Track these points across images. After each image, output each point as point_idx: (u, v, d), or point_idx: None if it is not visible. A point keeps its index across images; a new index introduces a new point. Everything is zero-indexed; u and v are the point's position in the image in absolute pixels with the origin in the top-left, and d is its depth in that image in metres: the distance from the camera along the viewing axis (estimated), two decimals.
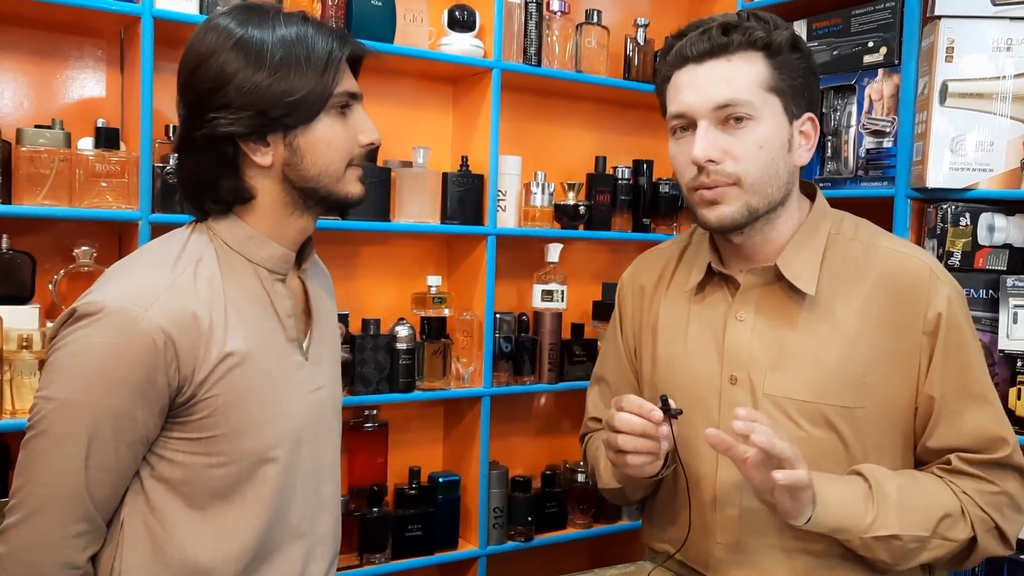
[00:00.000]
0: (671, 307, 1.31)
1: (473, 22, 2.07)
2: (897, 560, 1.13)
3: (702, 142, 1.15)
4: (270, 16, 1.07)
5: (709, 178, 1.15)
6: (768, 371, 1.18)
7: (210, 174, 1.08)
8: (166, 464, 1.05)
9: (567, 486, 2.31)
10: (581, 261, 2.45)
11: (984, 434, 1.16)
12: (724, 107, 1.14)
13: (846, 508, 1.10)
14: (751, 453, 1.05)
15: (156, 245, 1.12)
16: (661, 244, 1.43)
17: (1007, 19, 1.83)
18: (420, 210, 2.05)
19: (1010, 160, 1.85)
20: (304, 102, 1.05)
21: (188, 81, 1.07)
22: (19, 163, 1.64)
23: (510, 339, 2.17)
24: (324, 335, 1.22)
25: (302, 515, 1.14)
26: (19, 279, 1.70)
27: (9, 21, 1.78)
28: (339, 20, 1.91)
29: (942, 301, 1.16)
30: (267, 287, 1.11)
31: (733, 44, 1.15)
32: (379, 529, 2.02)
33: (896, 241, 1.25)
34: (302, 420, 1.13)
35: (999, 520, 1.15)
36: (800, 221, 1.23)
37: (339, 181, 1.11)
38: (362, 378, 1.97)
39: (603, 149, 2.44)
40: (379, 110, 2.17)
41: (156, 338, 0.98)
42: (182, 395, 1.02)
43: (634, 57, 2.34)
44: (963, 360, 1.17)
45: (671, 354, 1.29)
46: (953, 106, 1.87)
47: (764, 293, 1.22)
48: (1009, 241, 1.87)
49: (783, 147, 1.17)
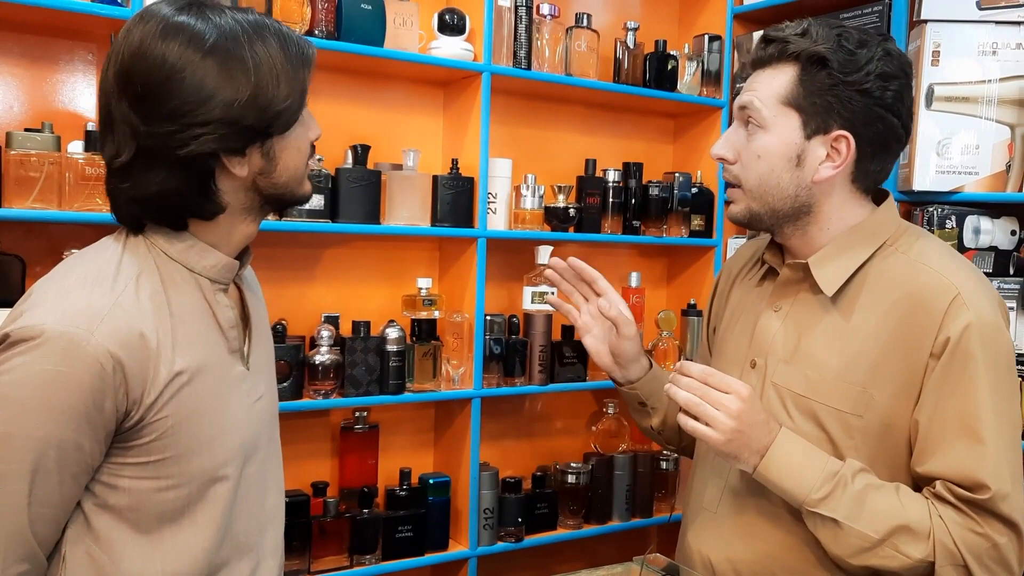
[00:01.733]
0: (739, 295, 1.41)
1: (463, 26, 2.08)
2: (840, 550, 1.14)
3: (721, 139, 1.26)
4: (226, 14, 1.01)
5: (726, 173, 1.27)
6: (781, 362, 1.25)
7: (183, 190, 1.00)
8: (111, 491, 0.99)
9: (557, 487, 2.32)
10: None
11: (965, 473, 1.12)
12: (742, 109, 1.23)
13: (799, 472, 1.14)
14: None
15: (88, 259, 1.02)
16: (757, 238, 1.49)
17: (993, 23, 1.85)
18: (410, 213, 2.06)
19: (995, 163, 1.86)
20: (288, 110, 1.02)
21: (154, 93, 0.97)
22: (9, 167, 1.64)
23: (500, 341, 2.18)
24: (261, 342, 1.17)
25: (248, 530, 1.10)
26: (9, 282, 1.71)
27: (1, 26, 1.78)
28: (329, 24, 1.92)
29: (957, 327, 1.13)
30: (209, 298, 1.06)
31: (775, 56, 1.21)
32: (370, 530, 2.02)
33: (945, 262, 1.20)
34: (247, 433, 1.09)
35: (972, 565, 1.11)
36: (850, 224, 1.24)
37: (300, 183, 1.09)
38: (352, 380, 1.98)
39: (593, 152, 2.45)
40: (369, 113, 2.18)
41: (104, 362, 0.92)
42: (130, 419, 0.96)
43: (624, 60, 2.35)
44: (963, 390, 1.13)
45: (724, 335, 1.40)
46: (939, 109, 1.89)
47: (799, 289, 1.28)
48: (994, 243, 1.89)
49: (789, 161, 1.20)
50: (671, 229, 2.43)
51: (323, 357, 1.94)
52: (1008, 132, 1.86)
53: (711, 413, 1.14)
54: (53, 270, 1.03)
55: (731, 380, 1.16)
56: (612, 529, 2.39)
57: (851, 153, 1.19)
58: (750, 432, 1.14)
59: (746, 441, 1.14)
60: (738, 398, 1.14)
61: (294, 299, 2.09)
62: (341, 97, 2.14)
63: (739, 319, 1.37)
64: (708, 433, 1.14)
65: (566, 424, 2.52)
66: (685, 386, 1.16)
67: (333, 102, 2.13)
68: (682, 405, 1.17)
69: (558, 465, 2.37)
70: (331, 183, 1.96)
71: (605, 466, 2.38)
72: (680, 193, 2.42)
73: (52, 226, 1.80)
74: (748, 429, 1.14)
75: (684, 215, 2.43)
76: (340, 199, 1.96)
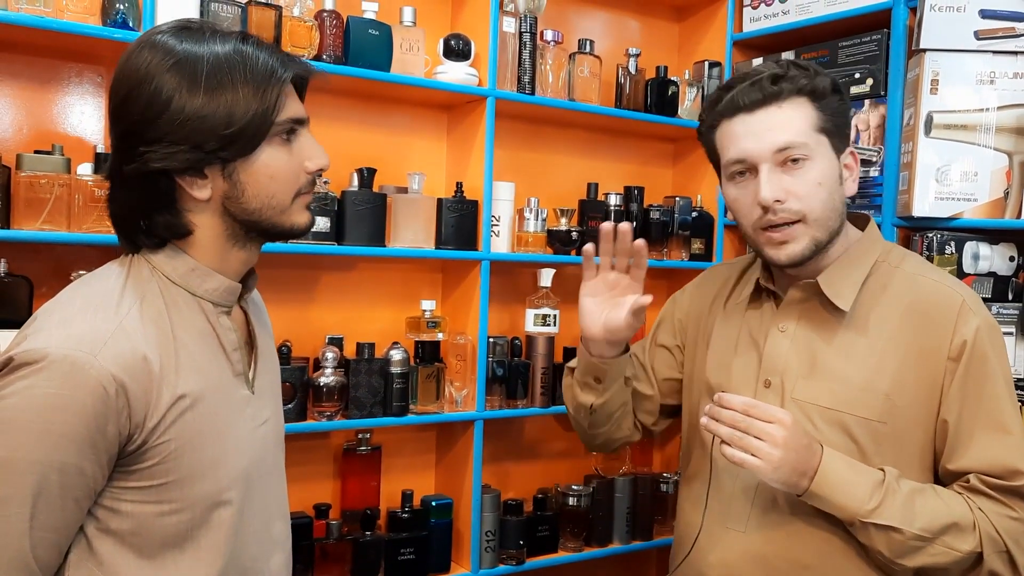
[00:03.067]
0: (726, 319, 1.42)
1: (468, 51, 2.11)
2: (895, 555, 1.18)
3: (767, 184, 1.23)
4: (206, 36, 0.99)
5: (776, 216, 1.23)
6: (800, 379, 1.28)
7: (143, 209, 1.00)
8: (113, 515, 0.98)
9: (559, 509, 2.32)
10: (573, 286, 2.43)
11: (999, 463, 1.20)
12: (783, 150, 1.23)
13: (849, 488, 1.18)
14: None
15: (93, 283, 1.03)
16: (722, 263, 1.54)
17: (990, 52, 1.88)
18: (415, 235, 2.07)
19: (994, 190, 1.89)
20: (243, 134, 0.97)
21: (118, 109, 0.98)
22: (18, 188, 1.65)
23: (503, 363, 2.19)
24: (266, 365, 1.16)
25: (255, 556, 1.08)
26: (17, 303, 1.71)
27: (10, 49, 1.79)
28: (336, 48, 1.94)
29: (969, 330, 1.22)
30: (212, 321, 1.05)
31: (783, 92, 1.24)
32: (372, 553, 2.02)
33: (939, 274, 1.32)
34: (251, 457, 1.07)
35: (1013, 549, 1.19)
36: (847, 246, 1.31)
37: (283, 212, 1.04)
38: (356, 402, 1.98)
39: (595, 176, 2.47)
40: (376, 137, 2.20)
41: (107, 386, 0.91)
42: (132, 443, 0.95)
43: (626, 85, 2.38)
44: (984, 389, 1.22)
45: (721, 361, 1.39)
46: (938, 137, 1.91)
47: (805, 308, 1.31)
48: (993, 269, 1.91)
49: (836, 181, 1.27)
50: (672, 252, 2.45)
51: (327, 379, 1.95)
52: (1006, 159, 1.88)
53: (757, 445, 1.16)
54: (58, 295, 1.03)
55: (774, 409, 1.17)
56: (613, 552, 2.39)
57: (858, 166, 1.32)
58: (797, 457, 1.16)
59: (795, 466, 1.17)
60: (782, 426, 1.16)
61: (299, 320, 2.10)
62: (348, 121, 2.16)
63: (736, 342, 1.38)
64: (757, 464, 1.15)
65: (567, 446, 2.52)
66: (728, 419, 1.17)
67: (340, 125, 2.15)
68: (724, 439, 1.18)
69: (559, 487, 2.37)
70: (337, 206, 1.97)
71: (606, 489, 2.38)
72: (681, 217, 2.44)
73: (60, 248, 1.81)
74: (795, 455, 1.16)
75: (684, 239, 2.45)
76: (346, 222, 1.97)
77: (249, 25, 1.81)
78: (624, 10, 2.60)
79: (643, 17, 2.63)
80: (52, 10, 1.67)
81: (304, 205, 1.07)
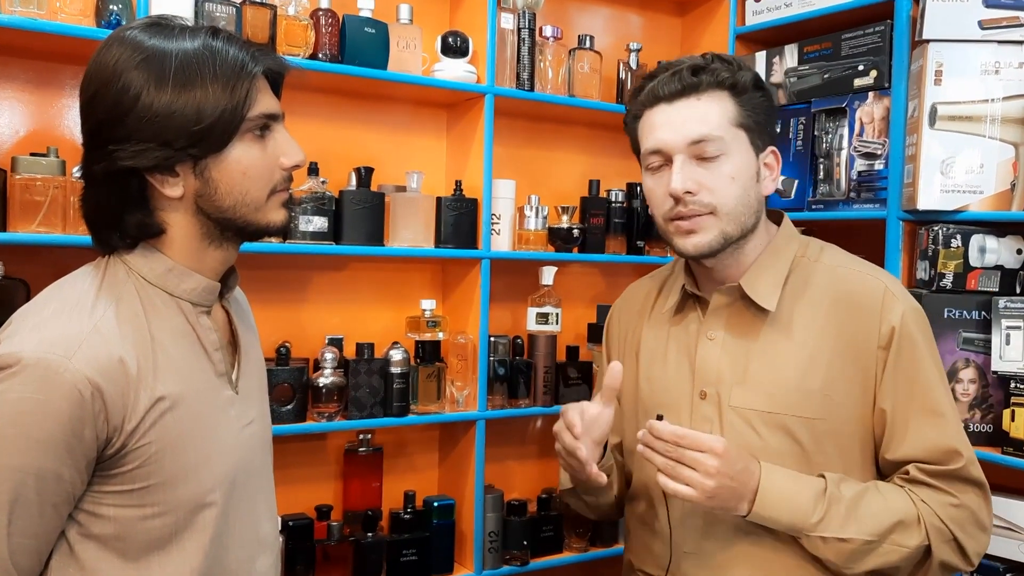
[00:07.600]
0: (653, 331, 1.40)
1: (466, 48, 2.09)
2: (844, 562, 1.18)
3: (679, 175, 1.22)
4: (176, 32, 0.98)
5: (687, 208, 1.23)
6: (734, 386, 1.26)
7: (115, 209, 0.99)
8: (95, 520, 0.97)
9: (563, 510, 2.30)
10: (575, 284, 2.46)
11: (936, 446, 1.21)
12: (698, 142, 1.23)
13: (791, 504, 1.17)
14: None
15: (67, 286, 1.02)
16: (643, 278, 1.53)
17: (995, 43, 1.85)
18: (414, 234, 2.06)
19: (1000, 182, 1.86)
20: (212, 131, 0.96)
21: (87, 107, 0.97)
22: (14, 191, 1.64)
23: (505, 362, 2.18)
24: (251, 366, 1.15)
25: (240, 558, 1.07)
26: (13, 306, 1.68)
27: (4, 51, 1.79)
28: (333, 47, 1.93)
29: (896, 316, 1.23)
30: (192, 321, 1.03)
31: (702, 84, 1.24)
32: (374, 554, 2.01)
33: (858, 263, 1.32)
34: (236, 459, 1.06)
35: (960, 535, 1.20)
36: (766, 245, 1.31)
37: (258, 210, 1.03)
38: (356, 402, 1.97)
39: (596, 172, 2.45)
40: (373, 136, 2.19)
41: (82, 389, 0.90)
42: (111, 447, 0.94)
43: (627, 81, 2.36)
44: (915, 374, 1.23)
45: (652, 374, 1.37)
46: (943, 129, 1.88)
47: (732, 312, 1.30)
48: (1000, 262, 1.88)
49: (752, 178, 1.26)
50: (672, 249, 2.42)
51: (327, 379, 1.94)
52: (1012, 151, 1.85)
53: (689, 475, 1.14)
54: (33, 299, 1.01)
55: (704, 438, 1.15)
56: (618, 552, 2.36)
57: (779, 166, 1.31)
58: (732, 484, 1.15)
59: (732, 492, 1.16)
60: (713, 455, 1.14)
61: (298, 321, 2.09)
62: (345, 120, 2.15)
63: (665, 355, 1.36)
64: (690, 494, 1.15)
65: None
66: (661, 449, 1.16)
67: (337, 125, 2.13)
68: (659, 468, 1.16)
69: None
70: (335, 205, 1.96)
71: None
72: None
73: (56, 250, 1.80)
74: (730, 481, 1.15)
75: None
76: (344, 221, 1.96)
77: (244, 24, 1.80)
78: (625, 5, 2.58)
79: (644, 11, 2.61)
80: (46, 12, 1.66)
81: (280, 203, 1.05)
